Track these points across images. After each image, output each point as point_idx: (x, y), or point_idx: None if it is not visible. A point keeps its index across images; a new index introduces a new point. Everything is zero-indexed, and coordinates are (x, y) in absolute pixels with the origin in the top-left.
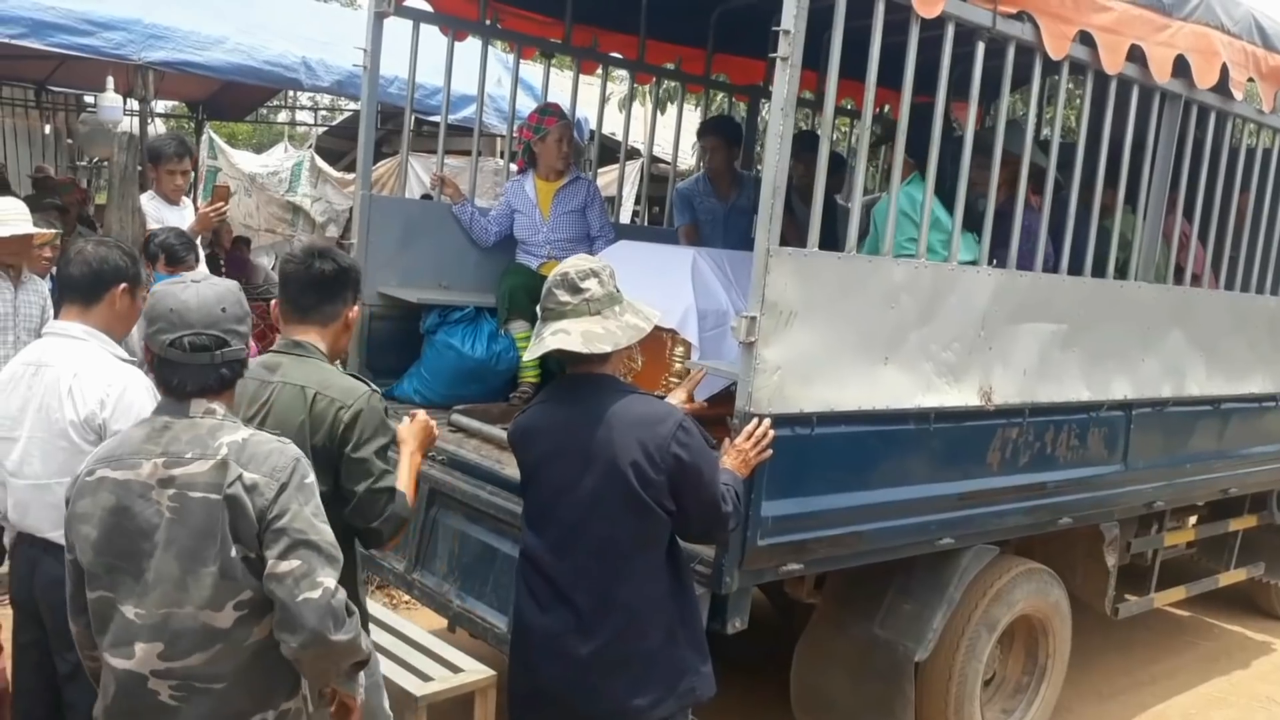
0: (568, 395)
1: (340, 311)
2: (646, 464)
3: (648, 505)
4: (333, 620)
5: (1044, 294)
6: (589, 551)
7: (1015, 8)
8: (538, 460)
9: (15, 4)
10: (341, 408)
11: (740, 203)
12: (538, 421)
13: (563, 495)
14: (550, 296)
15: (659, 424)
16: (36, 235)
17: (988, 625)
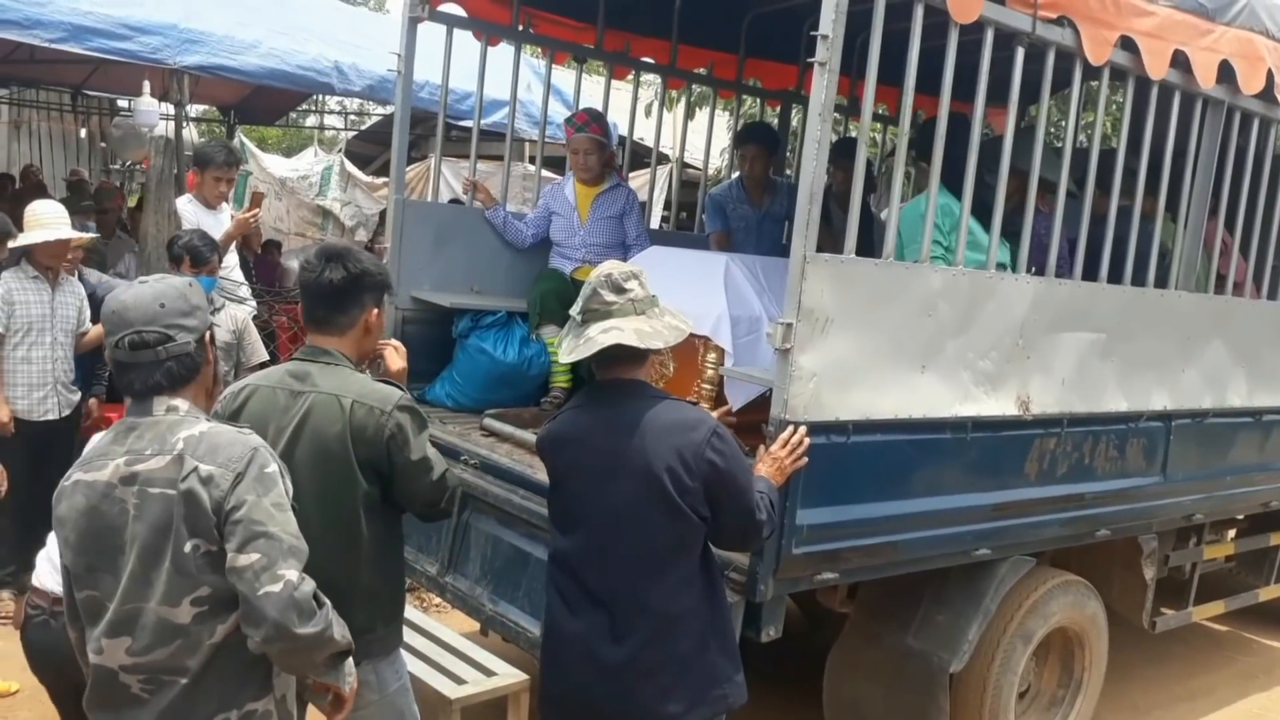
0: (601, 401)
1: (357, 318)
2: (682, 470)
3: (683, 511)
4: (296, 613)
5: (1083, 303)
6: (622, 557)
7: (1055, 12)
8: (570, 465)
9: (55, 9)
10: (383, 415)
11: (773, 209)
12: (570, 427)
13: (596, 500)
14: (595, 297)
15: (693, 430)
16: (74, 240)
17: (1023, 637)
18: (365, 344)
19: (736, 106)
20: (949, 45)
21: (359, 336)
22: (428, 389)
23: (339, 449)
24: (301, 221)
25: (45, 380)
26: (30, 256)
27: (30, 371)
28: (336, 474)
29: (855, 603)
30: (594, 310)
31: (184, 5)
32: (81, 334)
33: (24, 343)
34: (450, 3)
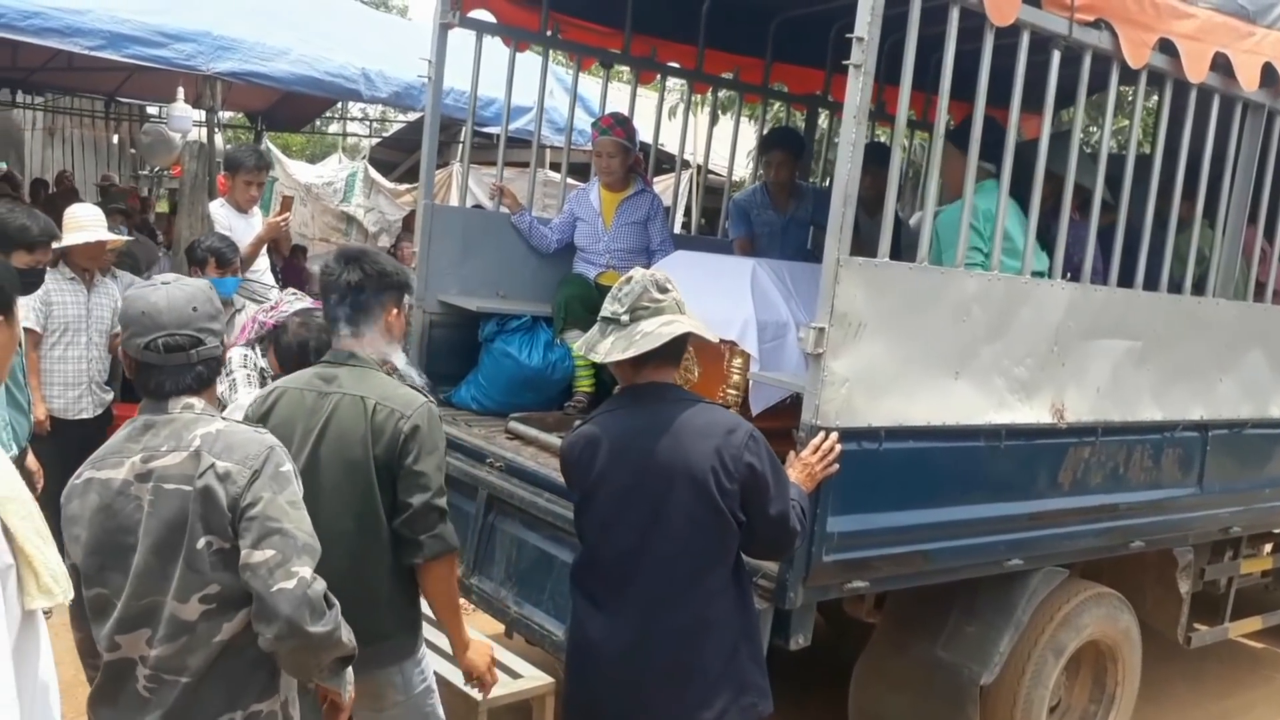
0: (634, 404)
1: (378, 315)
2: (721, 472)
3: (724, 515)
4: (309, 610)
5: (1119, 310)
6: (659, 562)
7: (1093, 15)
8: (603, 469)
9: (94, 18)
10: (402, 418)
11: (798, 215)
12: (603, 430)
13: (632, 505)
14: (646, 294)
15: (732, 432)
16: (110, 241)
17: (1055, 650)
18: (385, 343)
19: (763, 111)
20: (984, 49)
21: (378, 338)
22: (453, 392)
23: (361, 451)
24: (326, 227)
25: (80, 380)
26: (68, 258)
27: (66, 371)
28: (359, 476)
29: (883, 612)
30: (645, 308)
31: (215, 12)
32: (115, 334)
33: (60, 342)
34: (480, 9)
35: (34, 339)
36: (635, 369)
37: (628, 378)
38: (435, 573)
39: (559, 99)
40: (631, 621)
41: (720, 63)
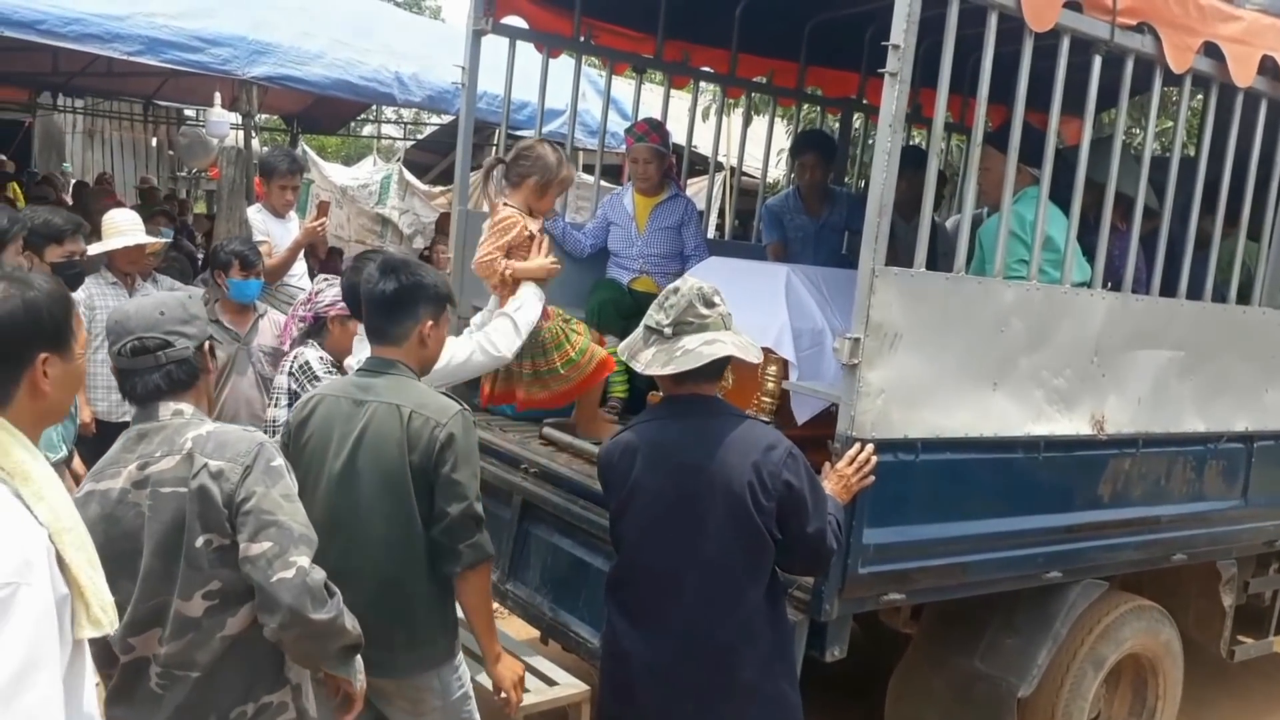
0: (675, 416)
1: (410, 329)
2: (759, 489)
3: (760, 531)
4: (310, 598)
5: (1161, 320)
6: (698, 576)
7: (1135, 19)
8: (639, 479)
9: (132, 23)
10: (437, 426)
11: (832, 220)
12: (640, 440)
13: (667, 518)
14: (691, 309)
15: (771, 449)
16: (150, 245)
17: (1094, 663)
18: (419, 354)
19: (797, 114)
20: (1023, 54)
21: (415, 346)
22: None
23: (397, 458)
24: (361, 229)
25: None
26: (110, 263)
27: (108, 375)
28: (396, 483)
29: (919, 624)
30: (689, 323)
31: (252, 16)
32: None
33: (104, 346)
34: (513, 15)
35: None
36: (676, 381)
37: (669, 388)
38: (472, 582)
39: (592, 101)
40: (669, 636)
41: (754, 66)
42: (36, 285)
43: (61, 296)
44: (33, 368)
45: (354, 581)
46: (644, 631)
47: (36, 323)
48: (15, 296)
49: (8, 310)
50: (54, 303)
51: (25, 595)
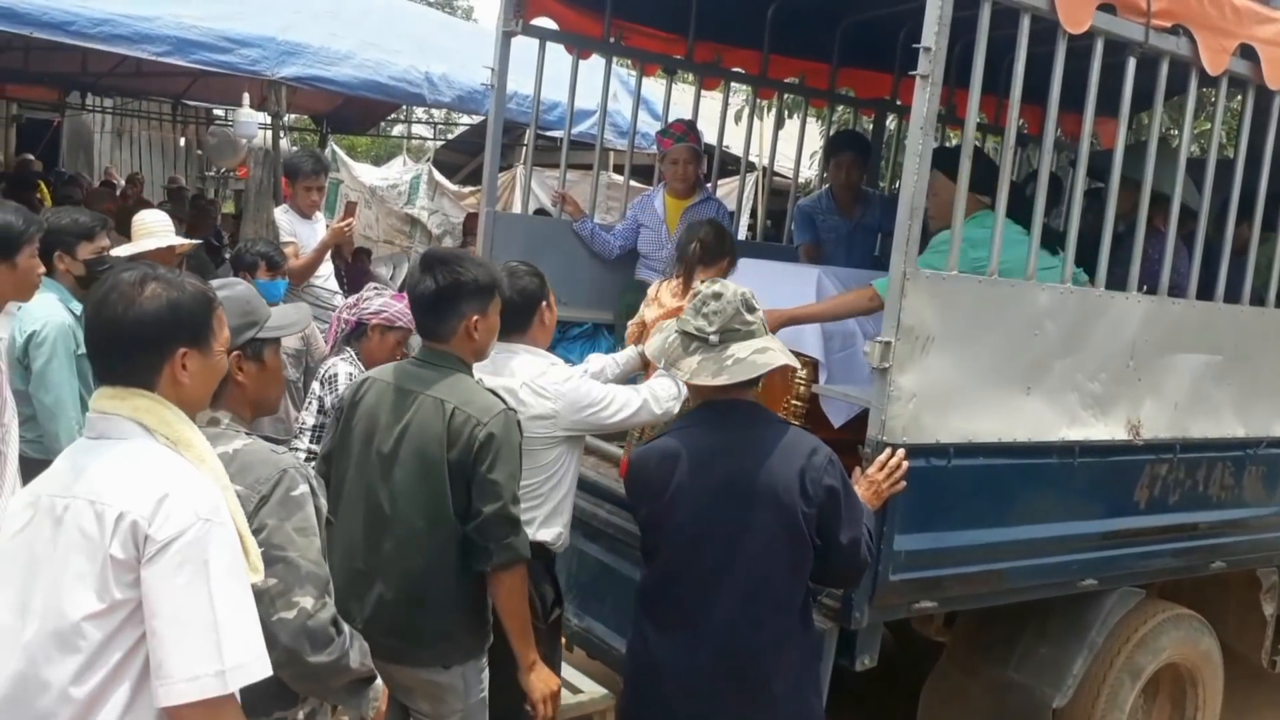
0: (714, 422)
1: (456, 326)
2: (802, 496)
3: (805, 539)
4: (308, 641)
5: (1198, 323)
6: (739, 586)
7: (1170, 21)
8: (680, 487)
9: (162, 24)
10: (478, 425)
11: (865, 221)
12: (680, 447)
13: (709, 525)
14: (738, 316)
15: (814, 453)
16: (179, 246)
17: (1131, 673)
18: (474, 347)
19: (829, 115)
20: (1056, 56)
21: (463, 341)
22: None
23: (437, 453)
24: (390, 229)
25: None
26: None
27: None
28: (434, 478)
29: (952, 632)
30: (735, 330)
31: (281, 18)
32: None
33: None
34: (543, 16)
35: None
36: (718, 388)
37: (706, 394)
38: (505, 583)
39: (622, 101)
40: (705, 646)
41: (785, 67)
42: (183, 286)
43: (205, 299)
44: (173, 360)
45: (385, 569)
46: (679, 641)
47: (178, 319)
48: (163, 295)
49: (153, 307)
50: (197, 303)
51: (219, 531)
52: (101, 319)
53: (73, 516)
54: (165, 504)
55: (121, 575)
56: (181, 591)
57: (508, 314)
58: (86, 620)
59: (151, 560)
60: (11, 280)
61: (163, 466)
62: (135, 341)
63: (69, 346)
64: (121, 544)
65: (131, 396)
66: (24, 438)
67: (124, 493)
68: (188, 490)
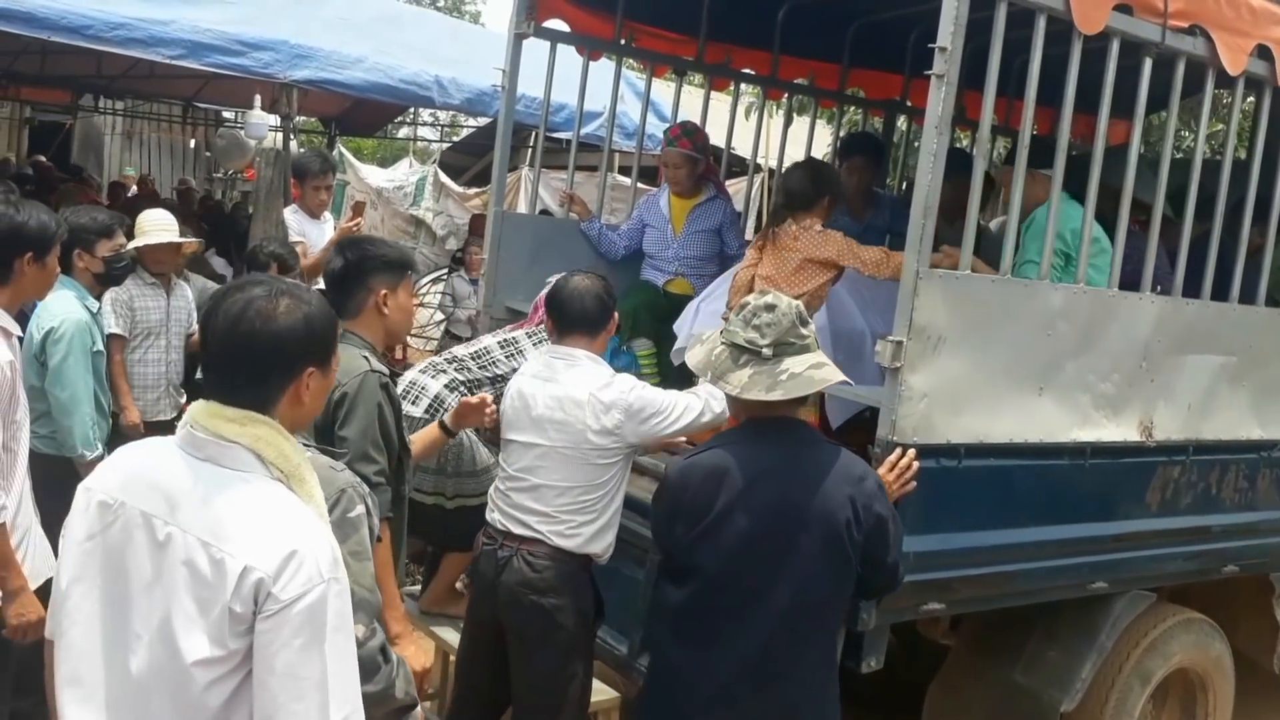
0: (762, 440)
1: (364, 300)
2: (854, 521)
3: (850, 564)
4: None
5: (1212, 324)
6: (782, 610)
7: (1187, 21)
8: (727, 506)
9: (176, 28)
10: (336, 387)
11: (875, 222)
12: (725, 464)
13: (761, 547)
14: (793, 330)
15: (863, 479)
16: (185, 245)
17: (1141, 677)
18: (378, 325)
19: (839, 116)
20: (1071, 57)
21: (373, 318)
22: None
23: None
24: (396, 230)
25: (160, 382)
26: (143, 263)
27: (147, 374)
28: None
29: (959, 634)
30: (790, 344)
31: (294, 22)
32: (190, 336)
33: (142, 346)
34: (554, 18)
35: (119, 344)
36: (767, 404)
37: (753, 410)
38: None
39: (630, 103)
40: (740, 666)
41: (795, 68)
42: (312, 301)
43: (331, 313)
44: (299, 379)
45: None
46: (716, 663)
47: (311, 337)
48: (298, 311)
49: (289, 324)
50: (326, 318)
51: (337, 588)
52: (237, 335)
53: (180, 550)
54: (292, 562)
55: (237, 626)
56: (298, 653)
57: (582, 316)
58: (198, 665)
59: (270, 617)
60: (40, 279)
61: (287, 516)
62: (272, 361)
63: (85, 343)
64: (243, 600)
65: (252, 423)
66: (37, 433)
67: (248, 544)
68: (313, 546)
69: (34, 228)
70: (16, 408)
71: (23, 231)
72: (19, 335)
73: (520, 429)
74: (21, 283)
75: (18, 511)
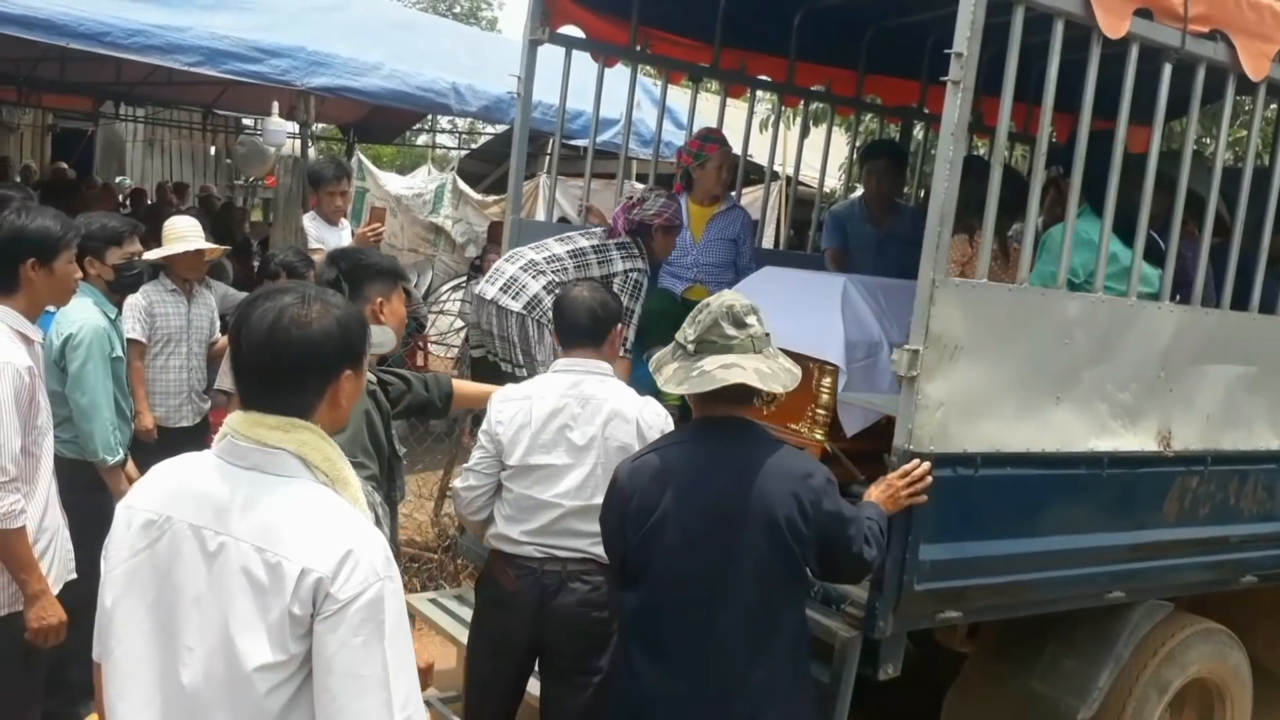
0: (705, 439)
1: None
2: (800, 518)
3: (796, 561)
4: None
5: (1231, 333)
6: (731, 609)
7: (1208, 26)
8: (669, 508)
9: (194, 35)
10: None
11: (895, 230)
12: (667, 464)
13: (703, 547)
14: (715, 329)
15: (808, 476)
16: (209, 251)
17: (1158, 687)
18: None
19: (855, 123)
20: (1090, 62)
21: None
22: None
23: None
24: (415, 238)
25: (181, 389)
26: (169, 270)
27: (168, 380)
28: None
29: (976, 642)
30: (711, 342)
31: (311, 29)
32: (212, 343)
33: (163, 353)
34: (569, 25)
35: (139, 350)
36: (704, 401)
37: (698, 408)
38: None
39: (645, 110)
40: (699, 672)
41: (811, 75)
42: (342, 304)
43: (360, 315)
44: (337, 383)
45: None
46: (670, 670)
47: (346, 340)
48: (330, 315)
49: (323, 329)
50: (356, 320)
51: (393, 586)
52: (274, 343)
53: (235, 558)
54: (348, 561)
55: (296, 630)
56: (358, 652)
57: (585, 324)
58: (259, 671)
59: (329, 618)
60: (49, 285)
61: (338, 517)
62: (309, 367)
63: (104, 349)
64: (301, 602)
65: (295, 429)
66: (60, 438)
67: (303, 546)
68: (367, 546)
69: (35, 232)
70: (38, 413)
71: (23, 236)
72: (39, 341)
73: (550, 450)
74: (33, 289)
75: (43, 515)
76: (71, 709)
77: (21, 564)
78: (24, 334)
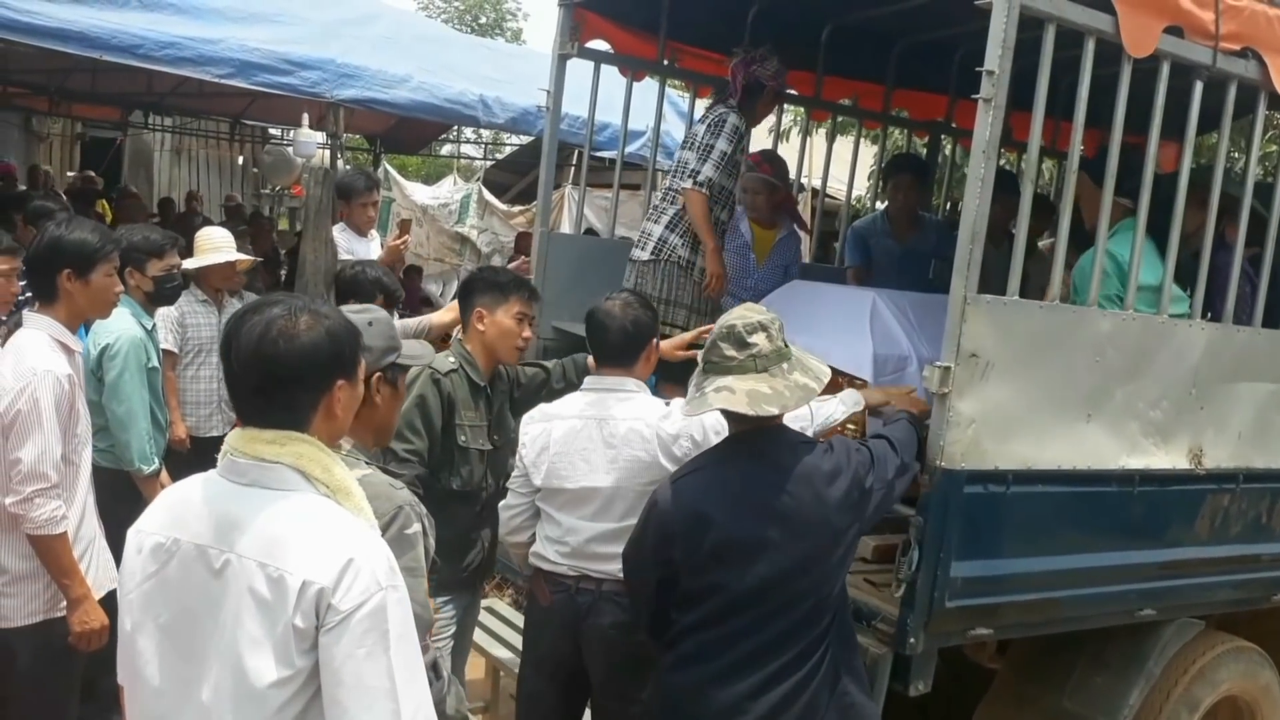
0: (745, 453)
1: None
2: (857, 508)
3: (853, 550)
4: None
5: (1264, 351)
6: (797, 613)
7: (1239, 44)
8: (724, 524)
9: (225, 47)
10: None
11: (919, 246)
12: (713, 482)
13: (760, 559)
14: (714, 350)
15: (847, 467)
16: (240, 261)
17: (1189, 705)
18: (481, 340)
19: (883, 137)
20: (1121, 79)
21: (474, 335)
22: None
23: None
24: (441, 247)
25: (211, 399)
26: (200, 280)
27: (199, 390)
28: None
29: (1005, 659)
30: (713, 363)
31: (340, 42)
32: None
33: (194, 363)
34: (598, 39)
35: (171, 360)
36: (726, 418)
37: (729, 424)
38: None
39: (673, 123)
40: (768, 680)
41: (839, 89)
42: (329, 313)
43: (352, 325)
44: (331, 393)
45: None
46: (741, 683)
47: (336, 350)
48: (320, 326)
49: (313, 340)
50: (347, 330)
51: (396, 595)
52: (261, 357)
53: (239, 575)
54: (349, 572)
55: (301, 643)
56: (364, 662)
57: (619, 344)
58: (271, 688)
59: (332, 629)
60: (87, 296)
61: (338, 528)
62: (301, 378)
63: (140, 359)
64: (304, 614)
65: (291, 442)
66: (97, 447)
67: (304, 559)
68: (369, 555)
69: (72, 244)
70: (78, 422)
71: (60, 247)
72: (79, 351)
73: (571, 473)
74: (72, 300)
75: (80, 523)
76: (105, 718)
77: (63, 569)
78: (64, 344)
